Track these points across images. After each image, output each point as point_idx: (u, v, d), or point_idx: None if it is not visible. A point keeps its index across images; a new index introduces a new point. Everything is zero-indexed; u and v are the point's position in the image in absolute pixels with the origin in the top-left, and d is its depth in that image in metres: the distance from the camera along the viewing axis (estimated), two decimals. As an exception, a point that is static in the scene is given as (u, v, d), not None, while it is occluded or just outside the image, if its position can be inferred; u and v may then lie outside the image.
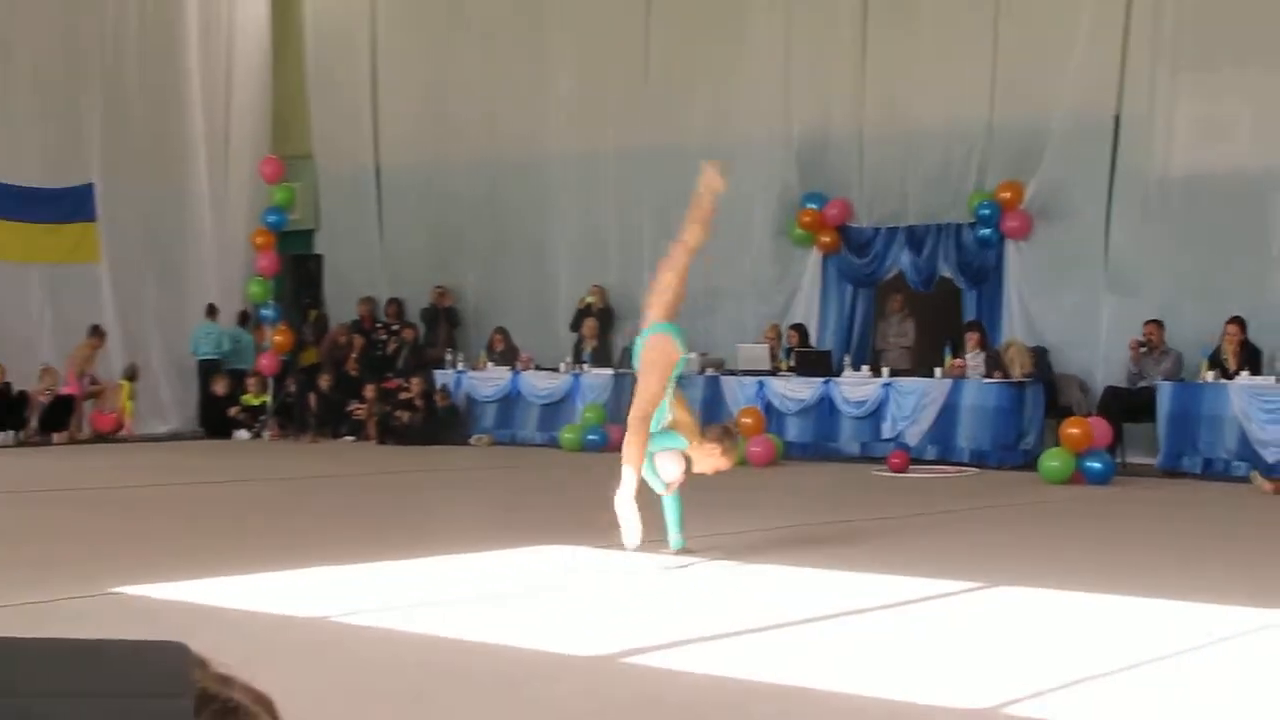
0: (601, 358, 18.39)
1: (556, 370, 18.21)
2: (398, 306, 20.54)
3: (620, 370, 16.74)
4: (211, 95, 21.36)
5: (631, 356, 8.79)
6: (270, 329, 20.35)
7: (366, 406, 18.93)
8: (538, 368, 18.50)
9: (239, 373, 20.17)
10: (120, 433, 18.77)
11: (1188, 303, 15.31)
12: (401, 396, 18.63)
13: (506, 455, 16.85)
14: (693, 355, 13.50)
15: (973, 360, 15.87)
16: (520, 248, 20.02)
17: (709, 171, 8.93)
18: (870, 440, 15.89)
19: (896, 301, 17.71)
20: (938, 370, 15.80)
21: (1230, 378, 14.17)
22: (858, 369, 16.42)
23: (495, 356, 19.06)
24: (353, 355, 20.11)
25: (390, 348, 20.24)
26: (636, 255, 18.81)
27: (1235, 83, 15.56)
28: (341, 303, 21.37)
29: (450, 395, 18.50)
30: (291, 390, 19.78)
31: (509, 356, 18.98)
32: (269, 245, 20.49)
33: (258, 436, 19.40)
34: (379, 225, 21.49)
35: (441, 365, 19.21)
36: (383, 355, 20.16)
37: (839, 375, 16.33)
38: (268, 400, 19.84)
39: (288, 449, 18.09)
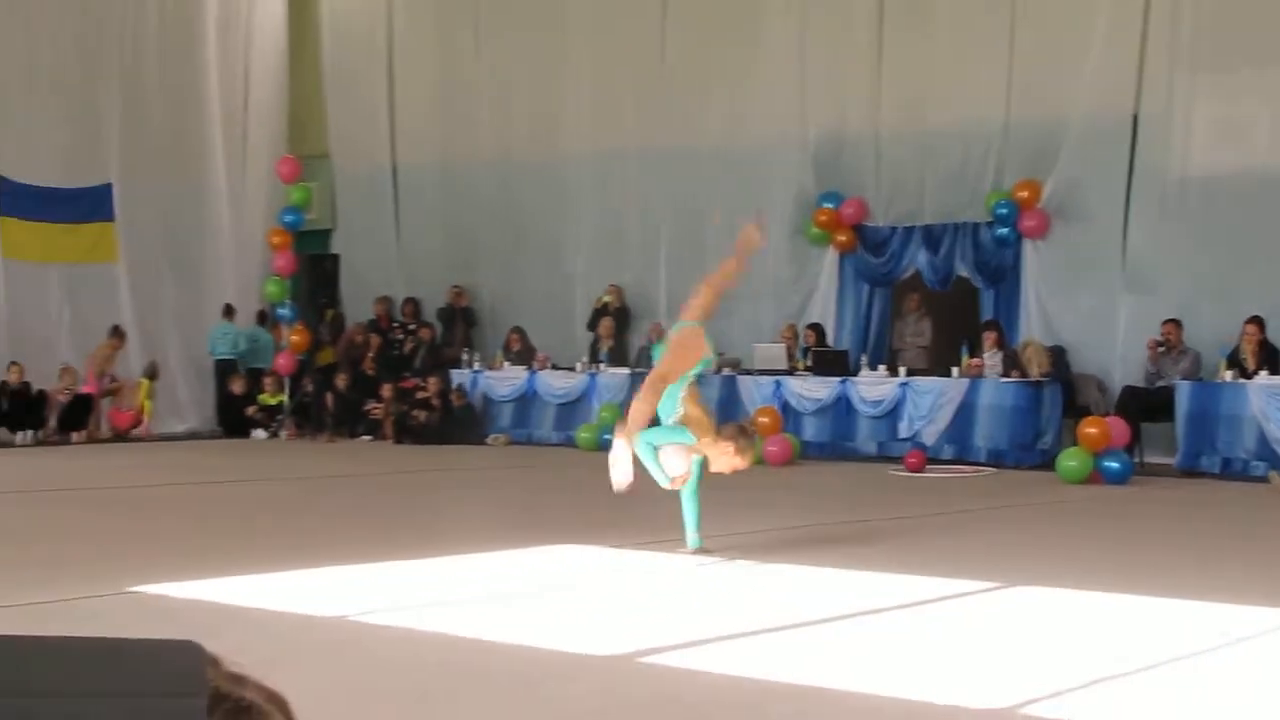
0: (618, 357, 18.38)
1: (573, 370, 18.21)
2: (414, 306, 20.56)
3: (637, 370, 16.72)
4: (229, 95, 21.42)
5: (650, 357, 8.81)
6: (287, 328, 20.38)
7: (383, 406, 18.96)
8: (554, 367, 18.50)
9: (256, 372, 20.22)
10: (137, 430, 18.83)
11: (1206, 302, 15.27)
12: (418, 396, 18.64)
13: (523, 455, 16.85)
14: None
15: (990, 360, 15.82)
16: (537, 247, 20.03)
17: (749, 229, 8.94)
18: (887, 440, 15.86)
19: (913, 301, 17.66)
20: (955, 370, 15.76)
21: (1249, 377, 14.11)
22: (874, 368, 16.40)
23: (512, 356, 19.06)
24: (369, 355, 20.14)
25: (407, 347, 20.26)
26: (653, 255, 18.84)
27: (1253, 83, 15.51)
28: (358, 302, 21.39)
29: (467, 395, 18.51)
30: (308, 390, 19.81)
31: (525, 356, 18.99)
32: (286, 245, 20.50)
33: (275, 436, 19.44)
34: (396, 225, 21.52)
35: (458, 365, 19.21)
36: (399, 355, 20.17)
37: (856, 375, 16.30)
38: (285, 400, 19.88)
39: (304, 448, 18.12)
